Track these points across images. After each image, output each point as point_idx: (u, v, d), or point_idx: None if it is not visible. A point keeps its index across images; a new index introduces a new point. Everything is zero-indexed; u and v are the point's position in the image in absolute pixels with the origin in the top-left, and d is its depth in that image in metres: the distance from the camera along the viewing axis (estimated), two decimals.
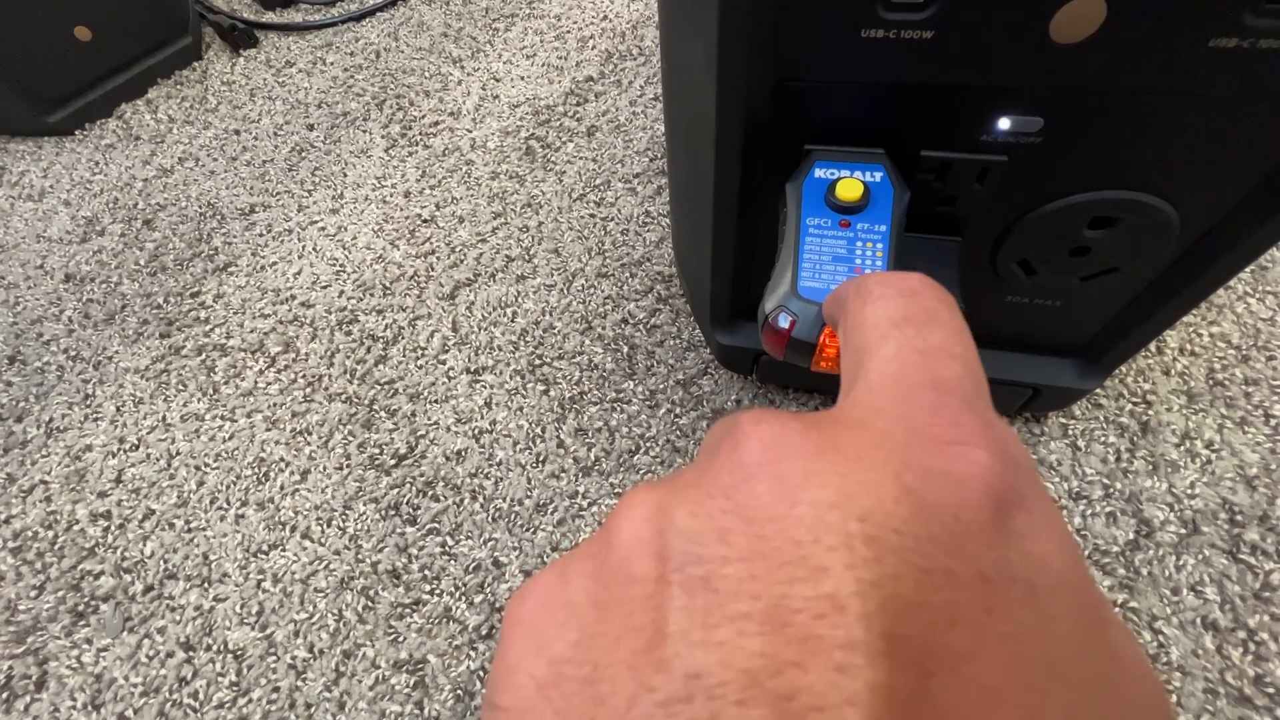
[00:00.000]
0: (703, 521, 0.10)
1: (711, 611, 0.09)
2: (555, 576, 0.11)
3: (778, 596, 0.08)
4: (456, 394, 0.38)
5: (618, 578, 0.10)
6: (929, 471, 0.10)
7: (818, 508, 0.09)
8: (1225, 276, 0.23)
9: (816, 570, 0.09)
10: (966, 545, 0.09)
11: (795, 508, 0.09)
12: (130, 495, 0.36)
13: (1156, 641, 0.28)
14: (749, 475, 0.10)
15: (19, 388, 0.41)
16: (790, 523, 0.09)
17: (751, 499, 0.10)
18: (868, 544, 0.09)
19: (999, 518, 0.09)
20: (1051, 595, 0.09)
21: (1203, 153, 0.19)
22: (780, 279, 0.19)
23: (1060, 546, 0.10)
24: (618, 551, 0.10)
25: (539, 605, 0.11)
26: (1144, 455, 0.32)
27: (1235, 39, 0.16)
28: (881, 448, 0.10)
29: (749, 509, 0.09)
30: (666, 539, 0.10)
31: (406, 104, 0.54)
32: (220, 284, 0.45)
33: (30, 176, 0.53)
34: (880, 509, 0.09)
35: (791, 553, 0.09)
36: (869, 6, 0.17)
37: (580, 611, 0.10)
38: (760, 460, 0.10)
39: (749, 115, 0.21)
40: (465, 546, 0.33)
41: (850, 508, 0.09)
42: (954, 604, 0.08)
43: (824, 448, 0.10)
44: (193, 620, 0.32)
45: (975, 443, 0.10)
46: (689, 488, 0.10)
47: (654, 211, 0.45)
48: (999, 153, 0.20)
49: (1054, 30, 0.16)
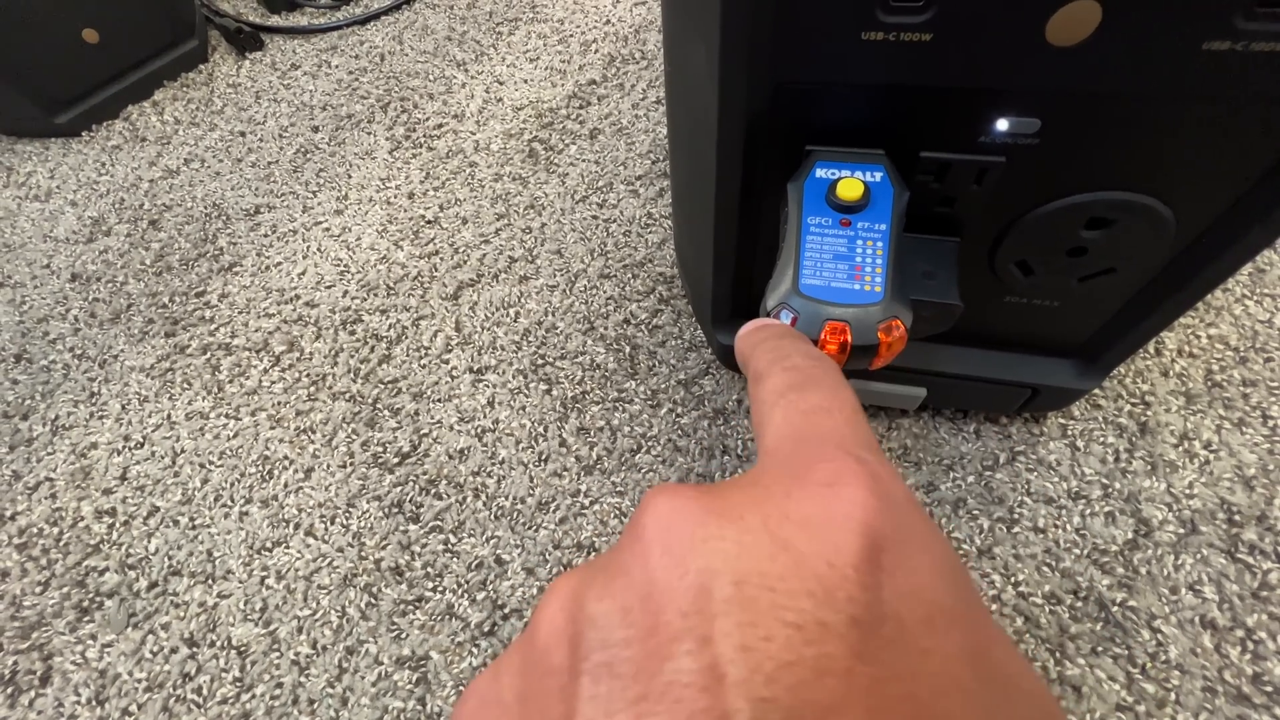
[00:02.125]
0: (608, 603, 0.10)
1: (614, 698, 0.09)
2: (490, 677, 0.12)
3: (670, 674, 0.09)
4: (459, 393, 0.38)
5: (538, 670, 0.11)
6: (806, 520, 0.10)
7: (702, 575, 0.10)
8: (1222, 277, 0.23)
9: (700, 640, 0.09)
10: (838, 593, 0.09)
11: (684, 578, 0.10)
12: (135, 492, 0.36)
13: (1155, 640, 0.28)
14: (645, 549, 0.11)
15: (25, 385, 0.41)
16: (678, 594, 0.10)
17: (646, 573, 0.10)
18: (744, 608, 0.09)
19: (871, 556, 0.10)
20: (924, 627, 0.10)
21: (1198, 154, 0.19)
22: (782, 276, 0.19)
23: (935, 576, 0.10)
24: (538, 644, 0.11)
25: (476, 706, 0.12)
26: (1142, 455, 0.33)
27: (1228, 42, 0.16)
28: (764, 505, 0.11)
29: (647, 584, 0.10)
30: (578, 626, 0.10)
31: (410, 106, 0.54)
32: (225, 284, 0.45)
33: (37, 177, 0.54)
34: (756, 568, 0.10)
35: (679, 625, 0.09)
36: (868, 9, 0.17)
37: (509, 708, 0.11)
38: (653, 534, 0.11)
39: (750, 116, 0.21)
40: (468, 544, 0.33)
41: (730, 572, 0.10)
42: (824, 657, 0.09)
43: (709, 512, 0.11)
44: (197, 616, 0.32)
45: (849, 482, 0.11)
46: (599, 571, 0.11)
47: (656, 213, 0.45)
48: (997, 154, 0.20)
49: (1050, 33, 0.17)
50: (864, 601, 0.09)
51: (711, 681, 0.09)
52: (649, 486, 0.34)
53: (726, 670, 0.09)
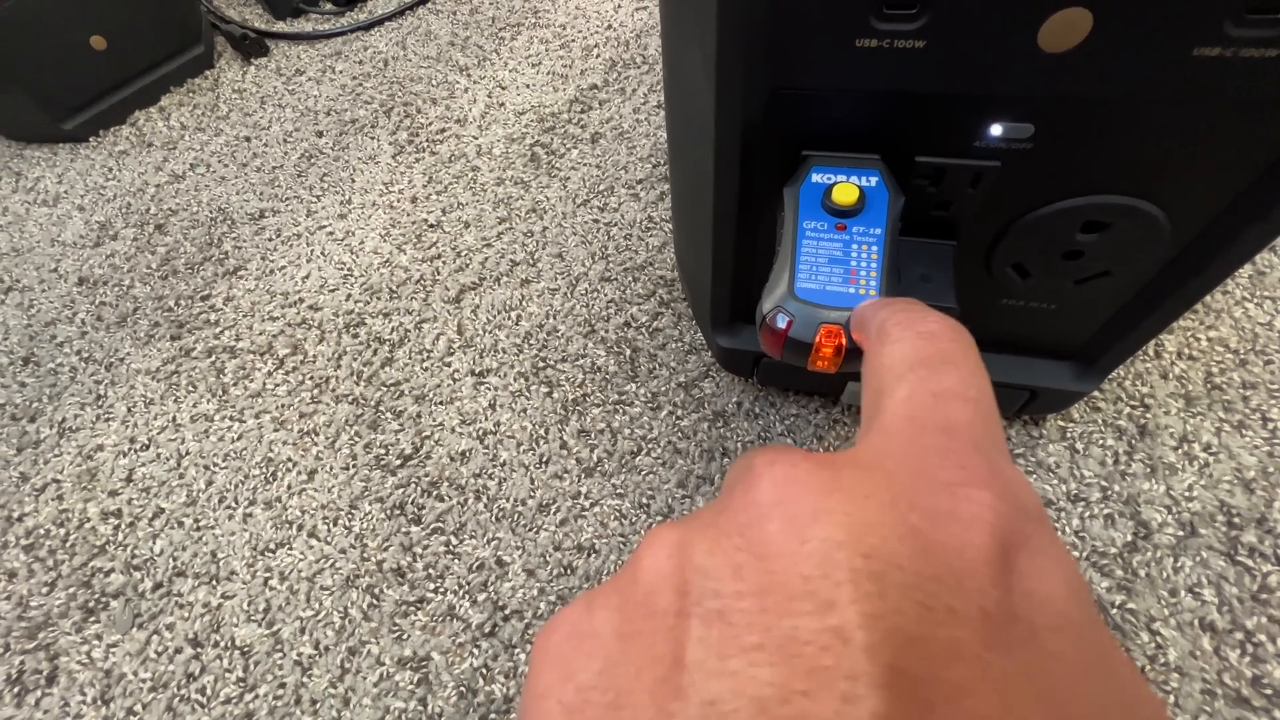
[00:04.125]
0: (719, 558, 0.10)
1: (726, 643, 0.09)
2: (582, 609, 0.12)
3: (788, 629, 0.09)
4: (461, 396, 0.39)
5: (641, 610, 0.10)
6: (934, 512, 0.10)
7: (825, 544, 0.09)
8: (1218, 279, 0.23)
9: (824, 604, 0.09)
10: (968, 583, 0.09)
11: (804, 545, 0.10)
12: (140, 494, 0.37)
13: (1154, 643, 0.28)
14: (762, 514, 0.10)
15: (33, 388, 0.42)
16: (799, 559, 0.09)
17: (763, 536, 0.10)
18: (872, 579, 0.09)
19: (1003, 558, 0.10)
20: (1054, 635, 0.09)
21: (1191, 158, 0.19)
22: (778, 280, 0.20)
23: (1066, 588, 0.10)
24: (642, 586, 0.11)
25: (566, 636, 0.11)
26: (1142, 458, 0.33)
27: (1218, 48, 0.16)
28: (889, 488, 0.10)
29: (762, 546, 0.10)
30: (686, 575, 0.10)
31: (414, 111, 0.55)
32: (230, 287, 0.45)
33: (45, 182, 0.54)
34: (885, 546, 0.09)
35: (800, 587, 0.09)
36: (862, 17, 0.18)
37: (605, 642, 0.11)
38: (772, 499, 0.10)
39: (747, 122, 0.21)
40: (469, 546, 0.33)
41: (856, 545, 0.09)
42: (954, 640, 0.09)
43: (833, 487, 0.10)
44: (201, 617, 0.33)
45: (980, 485, 0.10)
46: (708, 527, 0.11)
47: (656, 217, 0.45)
48: (992, 158, 0.21)
49: (1042, 39, 0.17)
50: (995, 597, 0.09)
51: (836, 642, 0.09)
52: (649, 489, 0.34)
53: (853, 635, 0.09)
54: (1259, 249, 0.21)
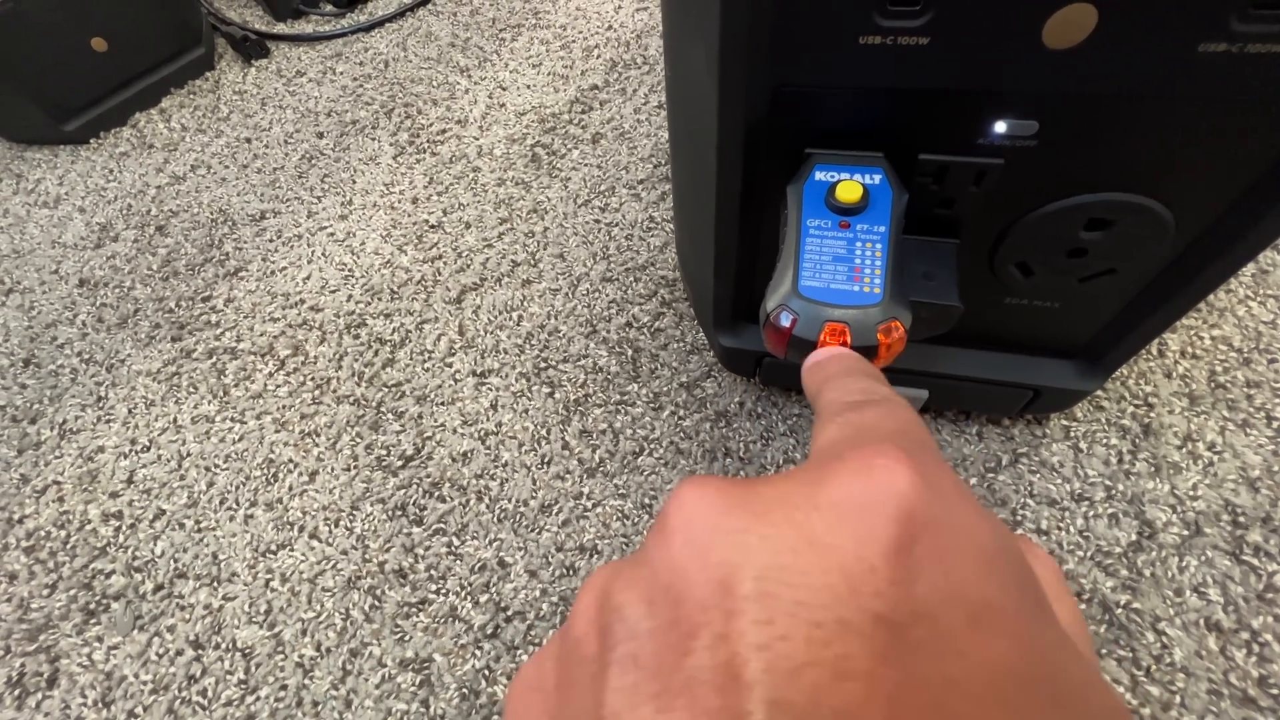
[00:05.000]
0: (633, 594, 0.10)
1: (638, 690, 0.09)
2: (535, 662, 0.12)
3: (689, 669, 0.09)
4: (463, 396, 0.38)
5: (571, 659, 0.11)
6: (836, 505, 0.10)
7: (722, 568, 0.10)
8: (1223, 277, 0.23)
9: (717, 638, 0.09)
10: (863, 587, 0.09)
11: (704, 570, 0.10)
12: (141, 496, 0.37)
13: (1160, 643, 0.28)
14: (667, 539, 0.11)
15: (33, 390, 0.42)
16: (699, 586, 0.10)
17: (669, 563, 0.10)
18: (761, 603, 0.09)
19: (903, 545, 0.09)
20: (966, 629, 0.09)
21: (1196, 155, 0.19)
22: (782, 278, 0.20)
23: (984, 571, 0.10)
24: (573, 634, 0.11)
25: (521, 691, 0.12)
26: (1146, 457, 0.33)
27: (1224, 44, 0.16)
28: (790, 497, 0.10)
29: (668, 574, 0.10)
30: (606, 617, 0.10)
31: (414, 112, 0.55)
32: (231, 288, 0.45)
33: (46, 184, 0.54)
34: (777, 563, 0.09)
35: (699, 619, 0.09)
36: (866, 14, 0.17)
37: (548, 695, 0.11)
38: (676, 524, 0.11)
39: (750, 120, 0.21)
40: (471, 547, 0.33)
41: (748, 566, 0.09)
42: (843, 657, 0.09)
43: (733, 506, 0.10)
44: (202, 619, 0.32)
45: (888, 465, 0.10)
46: (628, 562, 0.11)
47: (658, 217, 0.45)
48: (995, 155, 0.20)
49: (1046, 36, 0.17)
50: (891, 597, 0.09)
51: (727, 680, 0.09)
52: (651, 489, 0.34)
53: (742, 670, 0.09)
54: (1264, 246, 0.21)
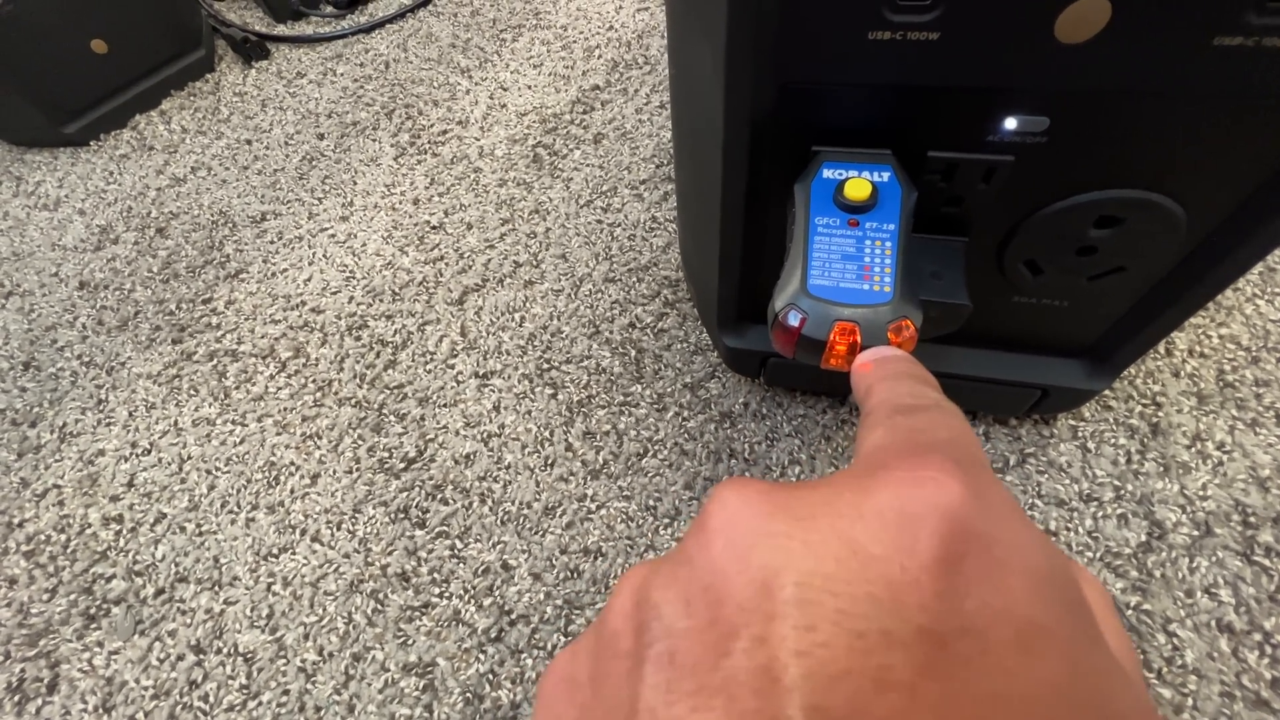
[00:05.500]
0: (671, 593, 0.10)
1: (673, 688, 0.09)
2: (569, 653, 0.12)
3: (727, 669, 0.09)
4: (465, 398, 0.38)
5: (607, 654, 0.11)
6: (881, 513, 0.10)
7: (764, 572, 0.10)
8: (1233, 276, 0.23)
9: (756, 641, 0.09)
10: (908, 598, 0.09)
11: (744, 572, 0.10)
12: (142, 499, 0.36)
13: (1171, 644, 0.28)
14: (708, 540, 0.11)
15: (33, 393, 0.42)
16: (739, 588, 0.10)
17: (709, 564, 0.10)
18: (803, 609, 0.09)
19: (951, 559, 0.09)
20: (1013, 647, 0.09)
21: (1209, 151, 0.19)
22: (790, 277, 0.19)
23: (1033, 590, 0.09)
24: (608, 628, 0.11)
25: (554, 682, 0.12)
26: (1155, 457, 0.32)
27: (1240, 38, 0.16)
28: (834, 503, 0.10)
29: (708, 575, 0.10)
30: (643, 614, 0.10)
31: (415, 113, 0.55)
32: (232, 290, 0.45)
33: (46, 186, 0.54)
34: (820, 570, 0.09)
35: (738, 621, 0.09)
36: (875, 9, 0.17)
37: (581, 687, 0.11)
38: (717, 525, 0.11)
39: (756, 117, 0.21)
40: (474, 549, 0.33)
41: (792, 571, 0.09)
42: (885, 668, 0.08)
43: (776, 510, 0.10)
44: (203, 623, 0.32)
45: (937, 476, 0.10)
46: (666, 561, 0.11)
47: (660, 217, 0.45)
48: (1005, 152, 0.20)
49: (1059, 30, 0.17)
50: (937, 611, 0.09)
51: (766, 683, 0.09)
52: (656, 491, 0.34)
53: (781, 674, 0.09)
54: (1276, 245, 0.21)
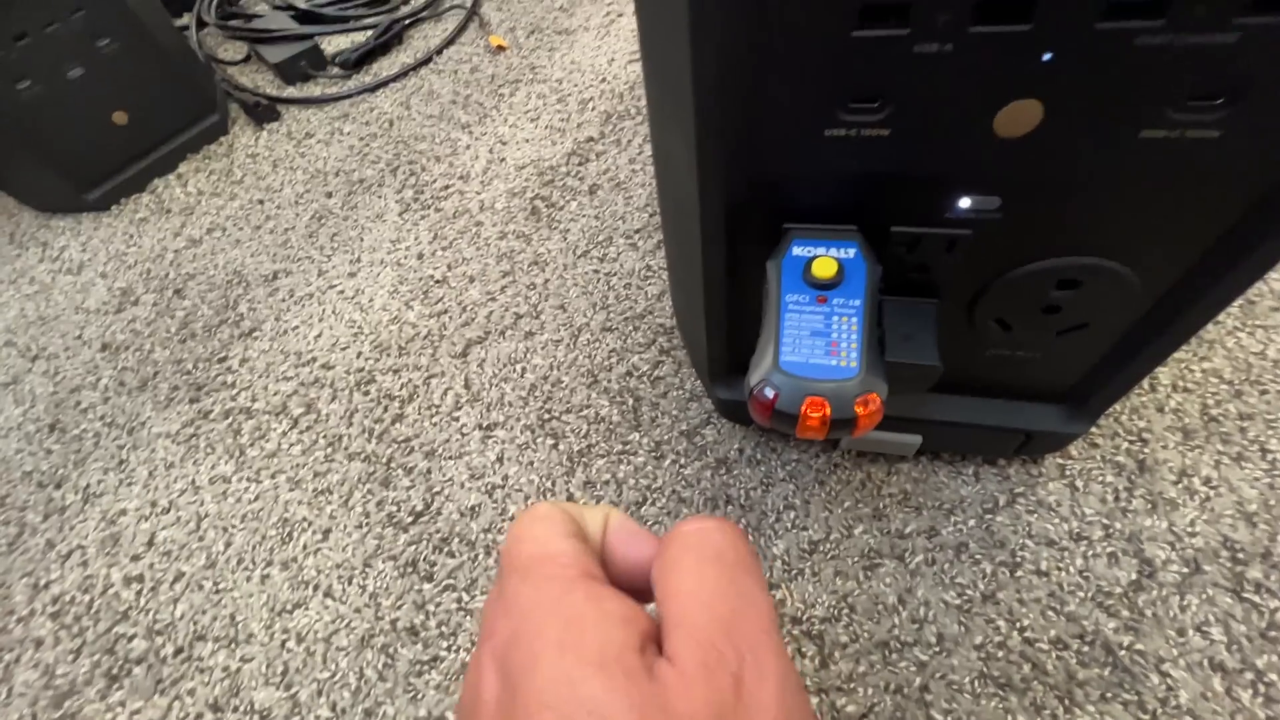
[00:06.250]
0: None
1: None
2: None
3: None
4: (469, 450, 0.40)
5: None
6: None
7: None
8: (1195, 328, 0.24)
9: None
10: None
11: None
12: (162, 558, 0.38)
13: (1165, 685, 0.28)
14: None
15: (59, 455, 0.43)
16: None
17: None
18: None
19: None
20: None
21: (1151, 225, 0.20)
22: (764, 354, 0.21)
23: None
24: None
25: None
26: (1142, 494, 0.33)
27: (1164, 131, 0.17)
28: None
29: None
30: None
31: (418, 169, 0.57)
32: (246, 348, 0.47)
33: (70, 251, 0.57)
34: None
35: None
36: (830, 110, 0.19)
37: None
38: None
39: (729, 200, 0.23)
40: (480, 602, 0.34)
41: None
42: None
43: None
44: (220, 681, 0.33)
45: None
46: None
47: (655, 265, 0.47)
48: (964, 226, 0.22)
49: (998, 126, 0.18)
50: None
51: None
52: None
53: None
54: (1229, 301, 0.22)
